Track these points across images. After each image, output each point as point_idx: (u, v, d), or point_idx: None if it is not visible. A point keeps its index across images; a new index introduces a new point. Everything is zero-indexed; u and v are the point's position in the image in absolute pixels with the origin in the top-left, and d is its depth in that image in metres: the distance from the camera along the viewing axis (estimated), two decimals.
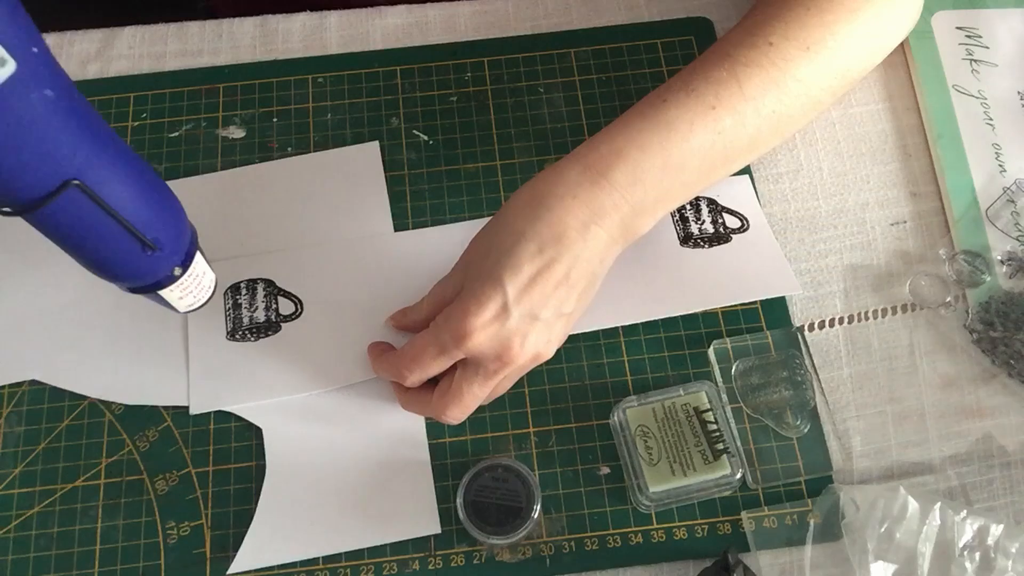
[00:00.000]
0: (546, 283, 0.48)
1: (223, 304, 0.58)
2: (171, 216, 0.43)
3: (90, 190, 0.38)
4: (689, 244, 0.59)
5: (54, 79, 0.36)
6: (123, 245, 0.41)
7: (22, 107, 0.35)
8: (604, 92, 0.65)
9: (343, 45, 0.67)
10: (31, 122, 0.35)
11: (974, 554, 0.50)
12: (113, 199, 0.39)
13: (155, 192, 0.43)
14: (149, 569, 0.52)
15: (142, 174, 0.41)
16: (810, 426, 0.54)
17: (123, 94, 0.66)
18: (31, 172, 0.36)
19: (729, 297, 0.57)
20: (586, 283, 0.49)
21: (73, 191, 0.37)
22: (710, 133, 0.50)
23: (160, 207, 0.43)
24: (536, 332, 0.48)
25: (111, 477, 0.54)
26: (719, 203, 0.61)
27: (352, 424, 0.55)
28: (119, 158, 0.40)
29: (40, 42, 0.35)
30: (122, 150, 0.41)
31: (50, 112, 0.36)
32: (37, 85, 0.35)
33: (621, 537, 0.53)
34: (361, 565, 0.52)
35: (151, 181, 0.42)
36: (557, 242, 0.48)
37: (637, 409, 0.53)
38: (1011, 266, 0.59)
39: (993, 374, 0.56)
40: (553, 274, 0.48)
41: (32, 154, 0.36)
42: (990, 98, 0.64)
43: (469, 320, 0.47)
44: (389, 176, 0.63)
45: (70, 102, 0.37)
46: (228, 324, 0.57)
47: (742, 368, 0.56)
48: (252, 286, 0.59)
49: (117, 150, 0.40)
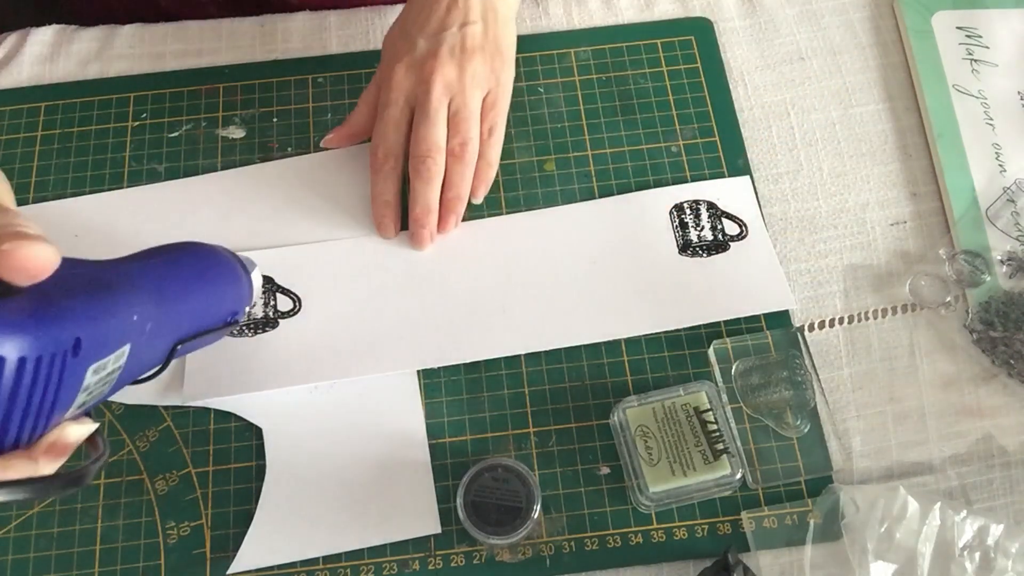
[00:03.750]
0: (434, 11, 0.58)
1: None
2: (233, 289, 0.50)
3: (188, 338, 0.47)
4: (688, 253, 0.59)
5: (139, 321, 0.42)
6: (223, 333, 0.51)
7: (138, 352, 0.42)
8: (604, 92, 0.65)
9: (343, 45, 0.67)
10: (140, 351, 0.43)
11: (974, 554, 0.50)
12: (197, 325, 0.48)
13: (213, 285, 0.49)
14: (149, 569, 0.52)
15: (201, 291, 0.48)
16: (810, 426, 0.54)
17: (123, 94, 0.66)
18: (149, 365, 0.45)
19: (726, 312, 0.57)
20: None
21: (178, 350, 0.46)
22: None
23: (222, 290, 0.50)
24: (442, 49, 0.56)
25: (111, 477, 0.54)
26: (719, 207, 0.61)
27: (352, 424, 0.55)
28: (181, 297, 0.47)
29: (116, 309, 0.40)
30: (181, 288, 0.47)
31: (147, 335, 0.43)
32: (140, 339, 0.42)
33: (621, 537, 0.53)
34: (361, 565, 0.52)
35: (207, 282, 0.49)
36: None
37: (637, 409, 0.53)
38: (1011, 266, 0.59)
39: (993, 374, 0.56)
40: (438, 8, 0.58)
41: (145, 367, 0.44)
42: (990, 98, 0.64)
43: (394, 68, 0.57)
44: None
45: (157, 316, 0.43)
46: None
47: (742, 368, 0.56)
48: None
49: (180, 297, 0.46)
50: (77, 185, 0.63)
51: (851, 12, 0.68)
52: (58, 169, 0.63)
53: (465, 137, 0.57)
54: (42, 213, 0.61)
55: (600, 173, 0.63)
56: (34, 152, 0.64)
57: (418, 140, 0.56)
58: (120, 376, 0.41)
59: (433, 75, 0.56)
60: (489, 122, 0.58)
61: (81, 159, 0.63)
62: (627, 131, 0.64)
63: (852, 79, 0.66)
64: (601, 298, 0.58)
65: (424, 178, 0.57)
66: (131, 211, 0.61)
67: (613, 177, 0.62)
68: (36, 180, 0.63)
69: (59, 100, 0.65)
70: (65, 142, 0.64)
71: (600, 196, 0.62)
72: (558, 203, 0.62)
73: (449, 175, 0.58)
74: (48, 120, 0.65)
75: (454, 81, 0.56)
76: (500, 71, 0.58)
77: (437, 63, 0.56)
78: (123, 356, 0.40)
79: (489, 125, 0.58)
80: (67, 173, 0.63)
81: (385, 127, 0.58)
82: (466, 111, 0.57)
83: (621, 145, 0.64)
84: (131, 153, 0.64)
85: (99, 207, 0.62)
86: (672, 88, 0.65)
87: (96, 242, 0.60)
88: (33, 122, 0.65)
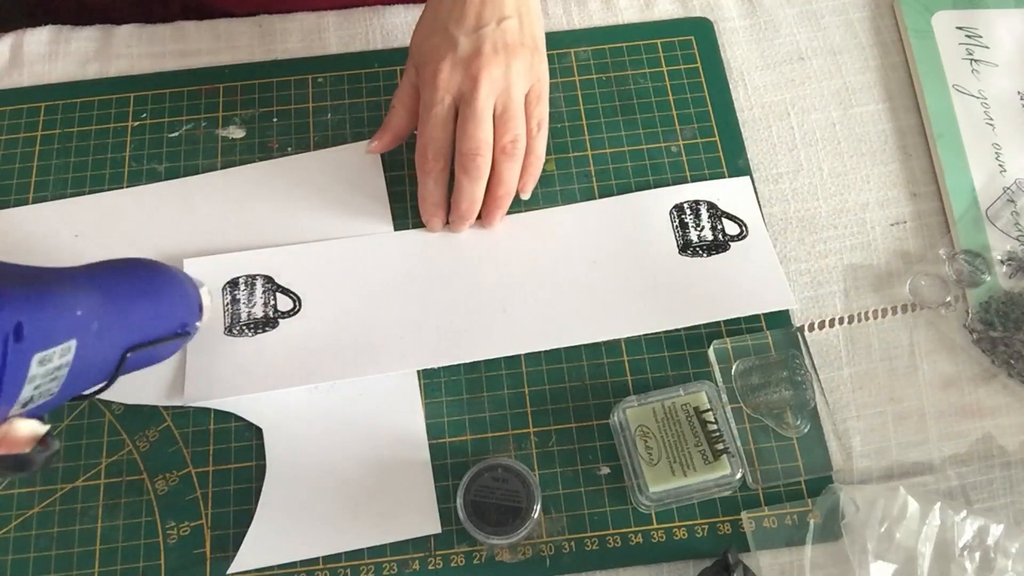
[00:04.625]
0: (469, 6, 0.57)
1: (221, 299, 0.58)
2: (181, 299, 0.51)
3: (138, 346, 0.47)
4: (688, 253, 0.59)
5: (82, 322, 0.43)
6: (174, 347, 0.52)
7: (86, 350, 0.43)
8: (604, 92, 0.65)
9: (343, 45, 0.67)
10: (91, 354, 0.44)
11: (974, 554, 0.50)
12: (146, 332, 0.48)
13: (160, 293, 0.50)
14: (149, 569, 0.52)
15: (149, 303, 0.49)
16: (810, 426, 0.54)
17: (123, 94, 0.66)
18: (100, 372, 0.46)
19: (726, 312, 0.58)
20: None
21: (128, 358, 0.47)
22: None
23: (170, 299, 0.50)
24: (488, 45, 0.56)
25: (111, 477, 0.54)
26: (719, 207, 0.61)
27: (352, 424, 0.55)
28: (130, 305, 0.48)
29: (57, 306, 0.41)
30: (125, 293, 0.48)
31: (94, 336, 0.43)
32: (86, 336, 0.43)
33: (621, 537, 0.53)
34: (361, 565, 0.52)
35: (154, 292, 0.49)
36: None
37: (637, 409, 0.53)
38: (1011, 266, 0.59)
39: (993, 374, 0.56)
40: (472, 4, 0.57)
41: (96, 373, 0.46)
42: (990, 98, 0.64)
43: (438, 67, 0.56)
44: (389, 176, 0.63)
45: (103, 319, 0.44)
46: (226, 320, 0.58)
47: (742, 368, 0.56)
48: (251, 282, 0.59)
49: (124, 300, 0.47)
50: (77, 185, 0.63)
51: (851, 12, 0.68)
52: (58, 169, 0.63)
53: (515, 134, 0.57)
54: (42, 213, 0.61)
55: (600, 173, 0.63)
56: (34, 152, 0.64)
57: (467, 137, 0.56)
58: (69, 375, 0.42)
59: (480, 73, 0.56)
60: (537, 116, 0.59)
61: (81, 159, 0.63)
62: (627, 131, 0.64)
63: (852, 79, 0.66)
64: (601, 298, 0.58)
65: (473, 176, 0.57)
66: (131, 211, 0.61)
67: (613, 177, 0.62)
68: (36, 180, 0.63)
69: (59, 100, 0.65)
70: (65, 142, 0.64)
71: (600, 196, 0.62)
72: (558, 203, 0.62)
73: (499, 171, 0.58)
74: (48, 120, 0.65)
75: (500, 78, 0.56)
76: (539, 65, 0.59)
77: (483, 61, 0.56)
78: (70, 351, 0.41)
79: (537, 120, 0.59)
80: (67, 173, 0.63)
81: (433, 127, 0.57)
82: (513, 108, 0.57)
83: (621, 145, 0.64)
84: (131, 153, 0.64)
85: (99, 207, 0.62)
86: (672, 88, 0.65)
87: (96, 242, 0.60)
88: (33, 122, 0.65)
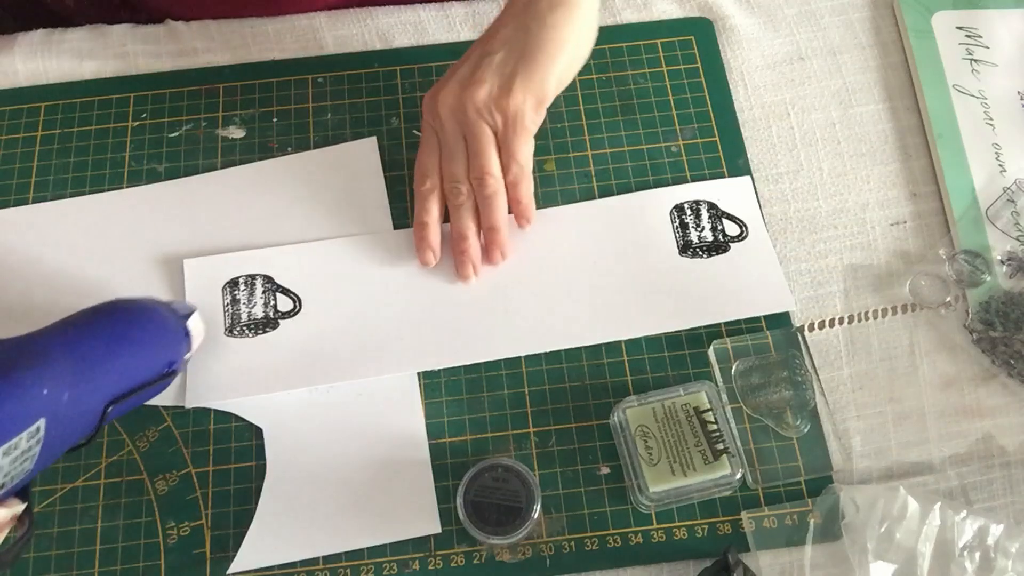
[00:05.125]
0: (473, 51, 0.57)
1: (220, 300, 0.58)
2: (164, 340, 0.51)
3: (121, 397, 0.47)
4: (688, 254, 0.59)
5: (52, 399, 0.43)
6: (162, 386, 0.52)
7: (59, 422, 0.43)
8: (604, 92, 0.65)
9: (342, 45, 0.67)
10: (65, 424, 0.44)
11: (974, 554, 0.50)
12: (128, 382, 0.48)
13: (140, 341, 0.49)
14: (149, 569, 0.52)
15: (131, 355, 0.48)
16: (810, 426, 0.54)
17: (123, 94, 0.66)
18: (81, 430, 0.46)
19: (726, 314, 0.57)
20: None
21: (110, 411, 0.47)
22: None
23: (152, 343, 0.50)
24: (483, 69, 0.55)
25: (111, 477, 0.54)
26: (719, 207, 0.61)
27: (352, 424, 0.55)
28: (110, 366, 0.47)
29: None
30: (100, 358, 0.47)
31: (68, 409, 0.44)
32: (58, 409, 0.43)
33: (621, 537, 0.53)
34: (361, 565, 0.52)
35: (132, 340, 0.49)
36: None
37: (637, 409, 0.53)
38: (1011, 266, 0.59)
39: (993, 374, 0.56)
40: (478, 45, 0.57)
41: (76, 432, 0.45)
42: (990, 98, 0.64)
43: (439, 95, 0.56)
44: (389, 176, 0.63)
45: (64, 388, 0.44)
46: (226, 320, 0.57)
47: (742, 368, 0.56)
48: (251, 282, 0.59)
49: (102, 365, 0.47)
50: (77, 185, 0.63)
51: (851, 12, 0.68)
52: (58, 169, 0.63)
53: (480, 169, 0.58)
54: (42, 213, 0.61)
55: (600, 173, 0.63)
56: (34, 152, 0.64)
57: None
58: (43, 449, 0.41)
59: (477, 91, 0.57)
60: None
61: (81, 159, 0.63)
62: (627, 131, 0.64)
63: (852, 79, 0.66)
64: (602, 300, 0.58)
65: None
66: (131, 211, 0.61)
67: (613, 177, 0.62)
68: (36, 180, 0.63)
69: (59, 100, 0.65)
70: (65, 142, 0.64)
71: (600, 196, 0.62)
72: (558, 203, 0.62)
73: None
74: (48, 120, 0.65)
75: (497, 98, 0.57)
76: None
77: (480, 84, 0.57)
78: (39, 431, 0.40)
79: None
80: (67, 173, 0.63)
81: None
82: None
83: (621, 145, 0.64)
84: (131, 153, 0.64)
85: (99, 207, 0.62)
86: (672, 88, 0.65)
87: (96, 242, 0.60)
88: (33, 122, 0.65)
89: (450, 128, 0.56)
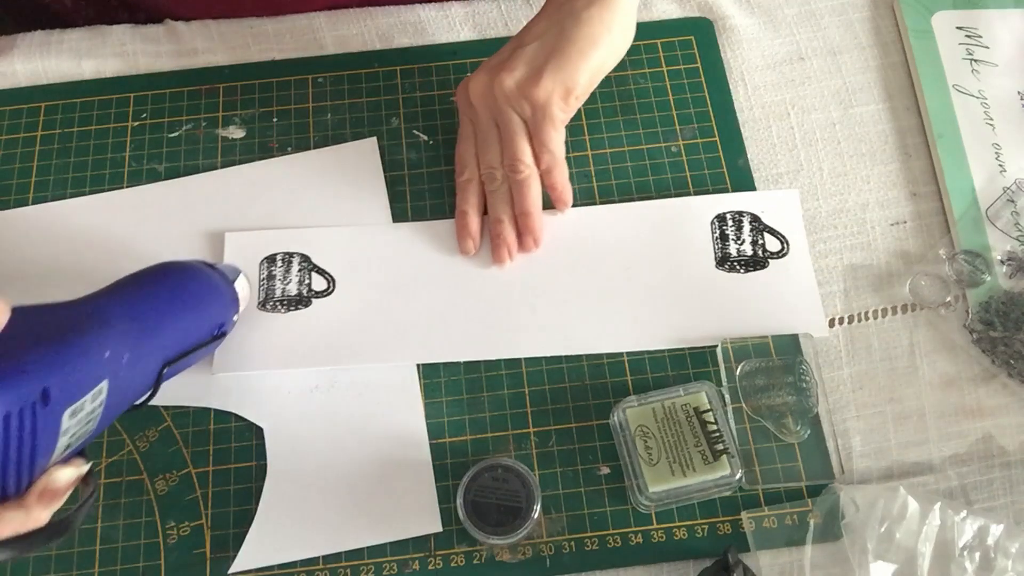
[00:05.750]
0: (508, 45, 0.58)
1: (257, 274, 0.59)
2: (215, 303, 0.51)
3: (176, 358, 0.48)
4: (725, 267, 0.58)
5: (112, 363, 0.43)
6: (213, 347, 0.52)
7: (119, 384, 0.43)
8: (604, 92, 0.65)
9: (342, 45, 0.67)
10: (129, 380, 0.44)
11: (974, 554, 0.50)
12: (182, 344, 0.48)
13: (192, 304, 0.49)
14: (149, 569, 0.52)
15: (183, 312, 0.49)
16: (810, 432, 0.54)
17: (123, 94, 0.66)
18: (138, 391, 0.46)
19: (752, 331, 0.57)
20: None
21: (166, 372, 0.47)
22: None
23: (203, 306, 0.50)
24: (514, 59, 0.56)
25: (111, 477, 0.54)
26: (762, 220, 0.60)
27: (353, 424, 0.55)
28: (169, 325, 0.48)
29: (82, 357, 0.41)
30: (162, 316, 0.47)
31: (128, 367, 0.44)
32: (118, 371, 0.43)
33: (621, 537, 0.53)
34: (361, 565, 0.52)
35: (185, 302, 0.49)
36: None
37: (637, 409, 0.53)
38: (1011, 266, 0.59)
39: (993, 374, 0.56)
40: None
41: (134, 394, 0.46)
42: (990, 98, 0.64)
43: (471, 85, 0.57)
44: (389, 176, 0.63)
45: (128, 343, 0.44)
46: (260, 294, 0.58)
47: (748, 368, 0.55)
48: (288, 259, 0.59)
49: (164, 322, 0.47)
50: (77, 185, 0.63)
51: (851, 12, 0.68)
52: (58, 169, 0.63)
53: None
54: (42, 213, 0.61)
55: (600, 173, 0.63)
56: (34, 152, 0.64)
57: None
58: (105, 411, 0.41)
59: (506, 78, 0.58)
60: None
61: (81, 159, 0.63)
62: (627, 131, 0.64)
63: (852, 79, 0.66)
64: (632, 307, 0.57)
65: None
66: (131, 211, 0.61)
67: (613, 177, 0.62)
68: (36, 180, 0.63)
69: (59, 100, 0.65)
70: (65, 142, 0.64)
71: (600, 196, 0.62)
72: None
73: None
74: (48, 120, 0.65)
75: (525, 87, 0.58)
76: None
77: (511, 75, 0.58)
78: (102, 393, 0.40)
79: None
80: (67, 173, 0.63)
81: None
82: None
83: (621, 145, 0.64)
84: (131, 153, 0.64)
85: (99, 207, 0.62)
86: (672, 88, 0.65)
87: (96, 242, 0.60)
88: (33, 122, 0.65)
89: (483, 115, 0.58)
